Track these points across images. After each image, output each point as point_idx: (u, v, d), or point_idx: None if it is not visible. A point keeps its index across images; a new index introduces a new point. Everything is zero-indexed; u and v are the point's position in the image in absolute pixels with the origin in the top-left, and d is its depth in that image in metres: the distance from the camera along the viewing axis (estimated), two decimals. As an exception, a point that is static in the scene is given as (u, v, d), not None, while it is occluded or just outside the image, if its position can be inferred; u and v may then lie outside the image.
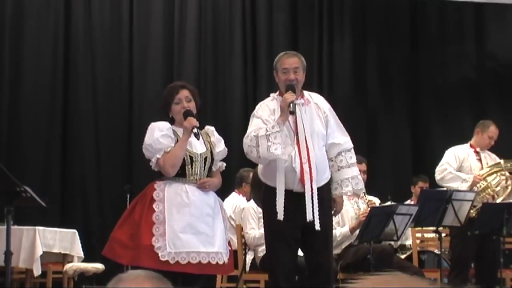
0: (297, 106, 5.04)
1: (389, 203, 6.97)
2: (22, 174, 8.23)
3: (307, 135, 5.05)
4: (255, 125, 5.04)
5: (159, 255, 4.67)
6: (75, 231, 8.05)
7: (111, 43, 9.78)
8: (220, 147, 5.06)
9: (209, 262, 4.77)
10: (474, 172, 6.96)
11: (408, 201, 8.83)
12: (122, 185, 8.67)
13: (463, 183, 6.87)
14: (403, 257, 7.55)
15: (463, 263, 6.95)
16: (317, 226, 4.98)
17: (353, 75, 10.57)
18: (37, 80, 9.49)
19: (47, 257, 7.70)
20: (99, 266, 7.71)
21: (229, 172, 6.02)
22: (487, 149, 7.20)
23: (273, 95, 5.24)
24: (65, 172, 9.49)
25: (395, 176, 10.22)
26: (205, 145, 4.99)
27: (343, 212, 6.71)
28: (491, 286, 6.85)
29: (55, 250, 7.74)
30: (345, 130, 5.33)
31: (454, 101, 10.55)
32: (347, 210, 6.80)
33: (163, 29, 9.92)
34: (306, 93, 5.26)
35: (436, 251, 7.61)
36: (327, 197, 5.17)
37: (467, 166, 7.03)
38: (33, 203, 5.17)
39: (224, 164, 5.12)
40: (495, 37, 10.78)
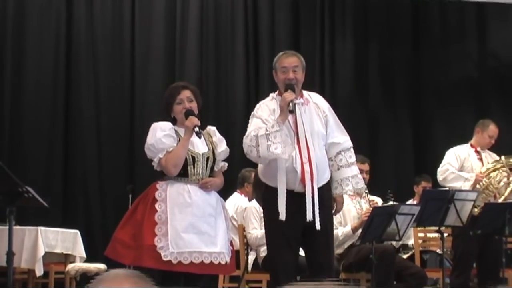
0: (296, 105, 5.04)
1: (391, 202, 6.96)
2: (24, 174, 8.23)
3: (307, 135, 5.05)
4: (255, 125, 5.04)
5: (162, 255, 4.67)
6: (77, 231, 8.05)
7: (113, 43, 9.78)
8: (222, 147, 5.06)
9: (211, 262, 4.77)
10: (476, 172, 6.96)
11: (411, 200, 8.83)
12: (124, 185, 8.69)
13: (466, 182, 6.87)
14: (405, 257, 7.55)
15: (465, 262, 6.94)
16: (318, 226, 4.97)
17: (355, 75, 10.57)
18: (39, 80, 9.50)
19: (49, 257, 7.71)
20: (101, 266, 7.70)
21: (231, 172, 6.03)
22: (488, 148, 7.20)
23: (273, 95, 5.24)
24: (67, 172, 9.50)
25: (397, 176, 10.22)
26: (207, 145, 5.00)
27: (345, 211, 6.72)
28: (493, 285, 6.84)
29: (57, 250, 7.74)
30: (345, 129, 5.33)
31: (456, 100, 10.54)
32: (349, 210, 6.80)
33: (164, 29, 9.93)
34: (305, 93, 5.26)
35: (438, 251, 7.61)
36: (328, 196, 5.16)
37: (468, 166, 7.03)
38: (35, 204, 5.17)
39: (226, 164, 5.12)
40: (497, 36, 10.77)
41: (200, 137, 4.90)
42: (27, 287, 7.89)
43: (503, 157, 7.03)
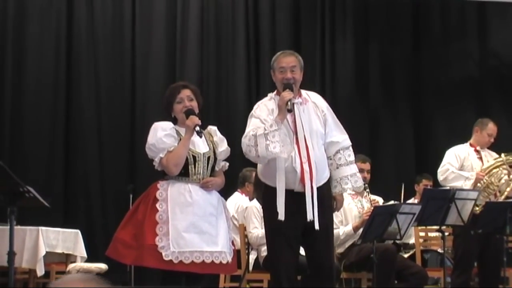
0: (295, 105, 5.03)
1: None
2: (25, 174, 8.24)
3: (306, 134, 5.04)
4: (253, 125, 5.03)
5: (163, 254, 4.66)
6: (78, 231, 8.05)
7: (114, 43, 9.79)
8: (223, 146, 5.06)
9: (212, 261, 4.77)
10: (476, 170, 6.96)
11: (412, 199, 8.84)
12: (125, 185, 8.69)
13: (466, 181, 6.87)
14: (406, 256, 7.55)
15: (466, 262, 6.94)
16: (317, 225, 4.96)
17: (355, 74, 10.57)
18: (39, 81, 9.50)
19: (50, 257, 7.71)
20: (103, 266, 7.70)
21: (232, 172, 6.02)
22: (487, 147, 7.20)
23: (271, 94, 5.23)
24: (68, 172, 9.50)
25: (398, 175, 10.21)
26: (208, 144, 4.99)
27: (347, 210, 6.73)
28: (494, 285, 6.84)
29: (58, 250, 7.74)
30: (345, 129, 5.32)
31: (457, 99, 10.55)
32: (350, 209, 6.81)
33: (165, 29, 9.93)
34: (303, 92, 5.25)
35: (439, 250, 7.61)
36: (328, 196, 5.16)
37: (468, 165, 7.03)
38: (36, 204, 5.16)
39: (227, 164, 5.12)
40: (497, 35, 10.77)
41: (201, 137, 4.89)
42: (28, 287, 7.89)
43: (503, 155, 7.03)
